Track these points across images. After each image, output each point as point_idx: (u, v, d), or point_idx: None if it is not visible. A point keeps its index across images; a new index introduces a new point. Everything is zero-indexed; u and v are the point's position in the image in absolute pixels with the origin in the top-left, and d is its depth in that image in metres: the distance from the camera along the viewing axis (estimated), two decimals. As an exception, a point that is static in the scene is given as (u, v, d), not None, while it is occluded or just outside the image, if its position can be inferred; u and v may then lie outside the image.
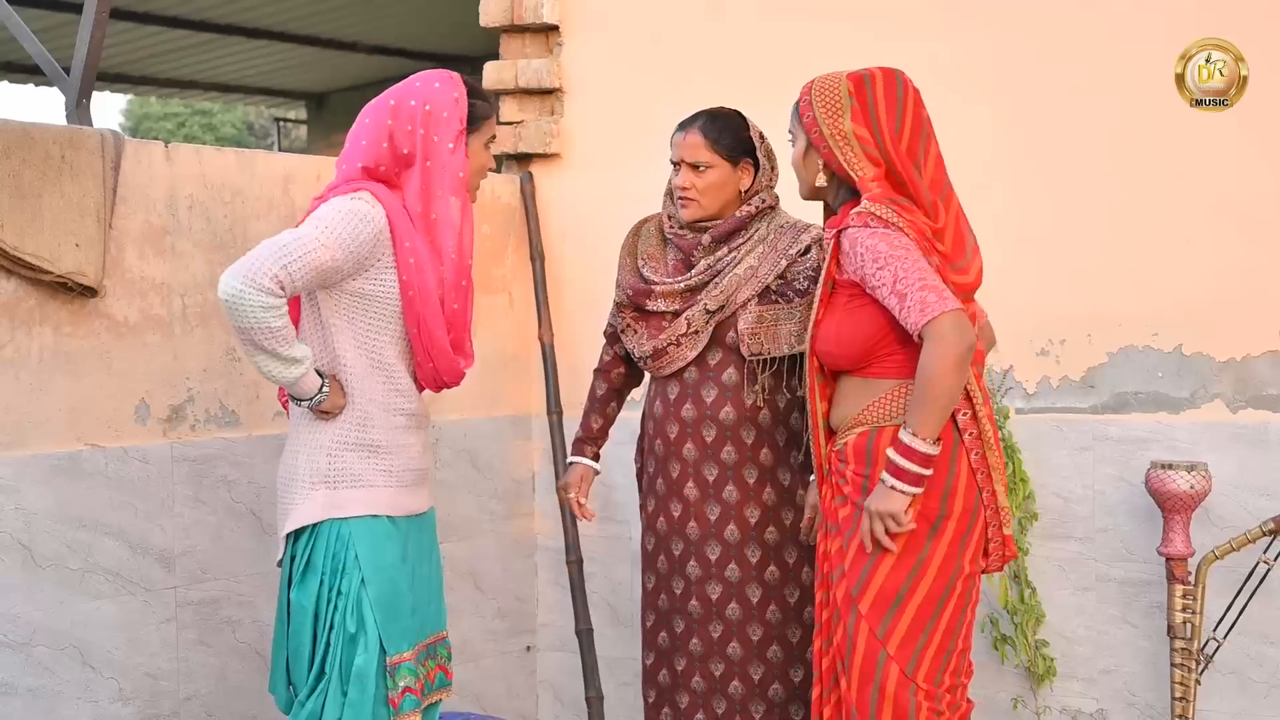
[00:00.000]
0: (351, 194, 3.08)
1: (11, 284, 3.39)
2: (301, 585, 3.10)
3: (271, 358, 2.98)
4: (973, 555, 3.10)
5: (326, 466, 3.11)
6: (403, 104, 3.12)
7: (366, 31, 10.42)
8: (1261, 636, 3.83)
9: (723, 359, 3.56)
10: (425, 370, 3.21)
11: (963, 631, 3.11)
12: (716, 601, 3.57)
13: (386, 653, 3.07)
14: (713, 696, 3.59)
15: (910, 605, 3.03)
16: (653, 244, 3.72)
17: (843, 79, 3.16)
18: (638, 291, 3.63)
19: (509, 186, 4.79)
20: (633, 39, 4.70)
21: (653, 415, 3.68)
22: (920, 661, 3.04)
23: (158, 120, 24.85)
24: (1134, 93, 3.95)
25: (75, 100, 4.44)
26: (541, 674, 4.88)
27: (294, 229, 3.03)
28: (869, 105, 3.11)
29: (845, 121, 3.12)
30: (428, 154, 3.11)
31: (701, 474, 3.58)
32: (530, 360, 4.82)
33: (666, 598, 3.66)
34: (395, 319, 3.14)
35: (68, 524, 3.50)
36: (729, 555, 3.56)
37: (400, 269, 3.10)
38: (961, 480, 3.07)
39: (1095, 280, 4.00)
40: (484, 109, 3.22)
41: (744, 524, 3.56)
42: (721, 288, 3.52)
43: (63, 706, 3.48)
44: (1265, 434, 3.82)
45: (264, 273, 2.90)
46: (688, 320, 3.54)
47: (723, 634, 3.57)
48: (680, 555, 3.61)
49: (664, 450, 3.63)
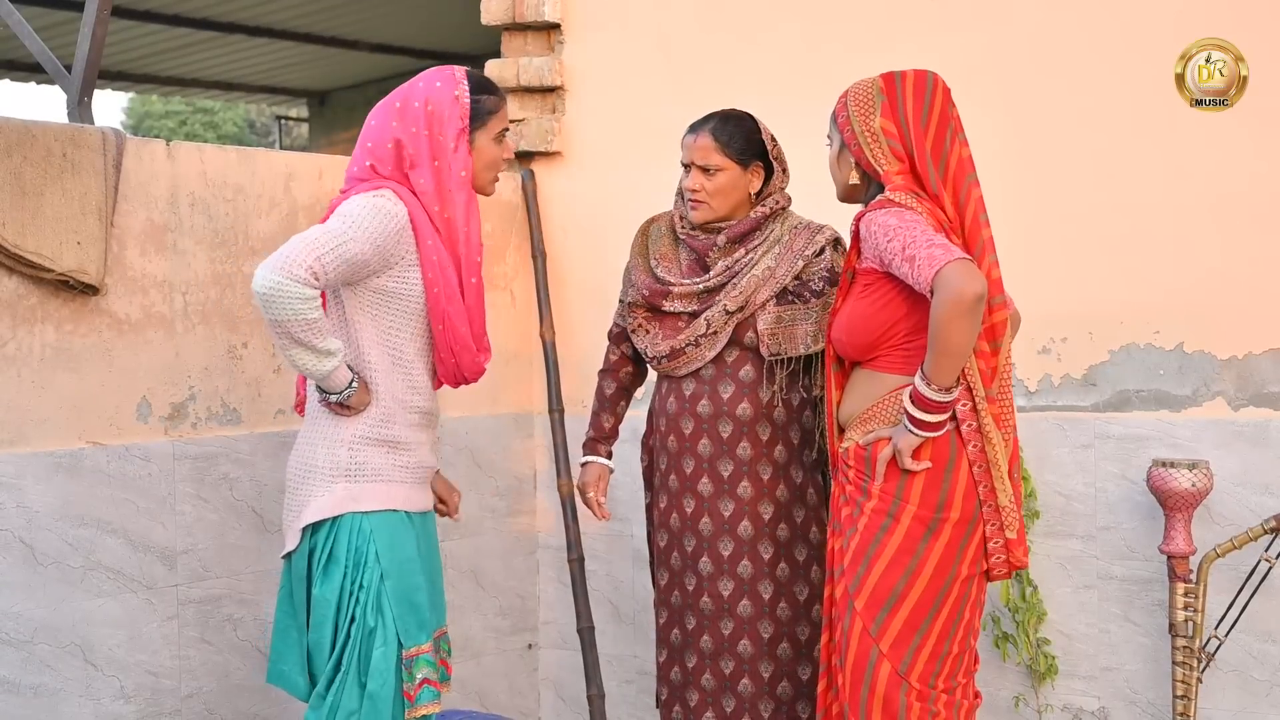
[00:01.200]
0: (374, 191, 3.11)
1: (13, 282, 3.39)
2: (326, 579, 3.10)
3: (307, 350, 3.00)
4: (973, 558, 3.09)
5: (348, 460, 3.13)
6: (407, 106, 3.15)
7: (368, 29, 10.42)
8: (1263, 634, 3.83)
9: (739, 356, 3.57)
10: (447, 366, 3.25)
11: (959, 634, 3.10)
12: (728, 598, 3.57)
13: (404, 645, 3.10)
14: (722, 694, 3.60)
15: (905, 605, 3.04)
16: (664, 244, 3.72)
17: (875, 79, 3.20)
18: (654, 292, 3.63)
19: (511, 184, 4.79)
20: (634, 37, 4.70)
21: (664, 412, 3.68)
22: (914, 661, 3.05)
23: (159, 118, 24.84)
24: (1134, 92, 3.95)
25: (77, 98, 4.44)
26: (543, 672, 4.88)
27: (321, 224, 3.06)
28: (897, 101, 3.15)
29: (875, 118, 3.16)
30: (435, 154, 3.14)
31: (716, 469, 3.58)
32: (532, 358, 4.83)
33: (679, 594, 3.66)
34: (417, 317, 3.17)
35: (69, 522, 3.50)
36: (741, 551, 3.57)
37: (424, 267, 3.13)
38: (960, 484, 3.07)
39: (1097, 278, 4.00)
40: (491, 103, 3.23)
41: (757, 520, 3.57)
42: (741, 289, 3.53)
43: (64, 704, 3.49)
44: (1267, 432, 3.82)
45: (299, 264, 2.92)
46: (707, 321, 3.54)
47: (733, 631, 3.58)
48: (693, 551, 3.61)
49: (677, 446, 3.63)
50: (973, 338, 2.94)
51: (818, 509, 3.63)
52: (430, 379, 3.27)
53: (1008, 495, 3.10)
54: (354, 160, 3.20)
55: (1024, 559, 3.14)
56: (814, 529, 3.62)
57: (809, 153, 3.88)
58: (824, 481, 3.63)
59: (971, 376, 3.06)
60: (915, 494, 3.06)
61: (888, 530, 3.06)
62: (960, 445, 3.07)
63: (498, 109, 3.26)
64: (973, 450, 3.08)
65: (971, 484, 3.08)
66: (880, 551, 3.05)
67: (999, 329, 3.09)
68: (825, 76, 3.73)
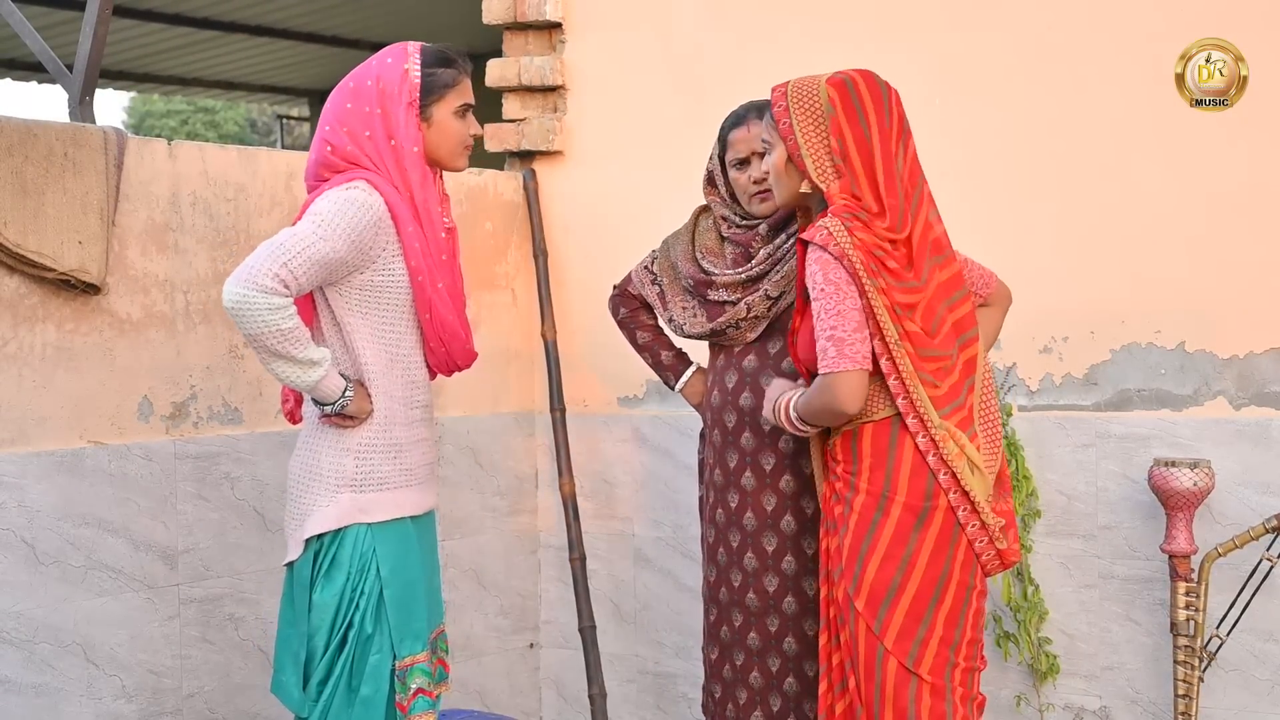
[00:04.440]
0: (346, 184, 3.03)
1: (14, 281, 3.40)
2: (327, 584, 3.04)
3: (287, 362, 2.91)
4: (964, 555, 3.07)
5: (354, 470, 3.05)
6: (360, 85, 3.08)
7: (369, 28, 10.42)
8: (1264, 633, 3.83)
9: (782, 348, 3.54)
10: (438, 355, 3.18)
11: (969, 619, 3.09)
12: (774, 594, 3.54)
13: (398, 655, 3.05)
14: (769, 693, 3.56)
15: (904, 597, 3.03)
16: (711, 239, 3.68)
17: (822, 85, 3.09)
18: (699, 282, 3.61)
19: (512, 183, 4.79)
20: (636, 36, 4.70)
21: (710, 406, 3.66)
22: (922, 653, 3.04)
23: (160, 117, 24.87)
24: (1135, 92, 3.95)
25: (78, 97, 4.45)
26: (544, 671, 4.88)
27: (290, 227, 2.99)
28: (857, 115, 3.05)
29: (825, 132, 3.06)
30: (390, 131, 3.06)
31: (759, 463, 3.55)
32: (533, 357, 4.82)
33: (726, 590, 3.62)
34: (409, 307, 3.10)
35: (70, 521, 3.50)
36: (785, 546, 3.53)
37: (407, 255, 3.05)
38: (941, 494, 3.04)
39: (1098, 277, 3.99)
40: (446, 76, 3.12)
41: (800, 515, 3.53)
42: (783, 274, 3.50)
43: (66, 704, 3.49)
44: (1268, 431, 3.82)
45: (264, 272, 2.85)
46: (748, 305, 3.51)
47: (779, 628, 3.54)
48: (738, 546, 3.59)
49: (721, 441, 3.61)
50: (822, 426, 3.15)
51: None
52: (426, 372, 3.21)
53: (988, 514, 3.06)
54: (313, 145, 3.13)
55: (1013, 555, 3.13)
56: None
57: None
58: None
59: (920, 404, 3.02)
60: (903, 484, 3.05)
61: (878, 525, 3.05)
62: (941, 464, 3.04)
63: (455, 82, 3.13)
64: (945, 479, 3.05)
65: (949, 505, 3.05)
66: (874, 547, 3.05)
67: (964, 323, 3.10)
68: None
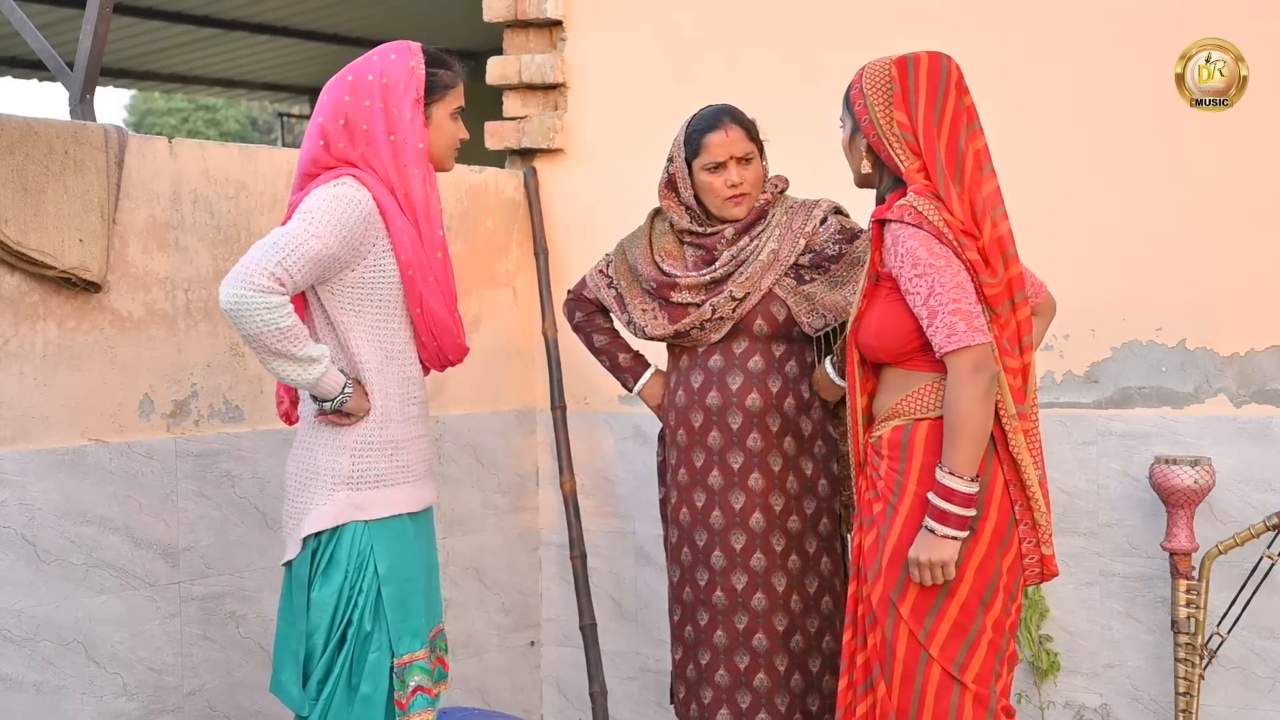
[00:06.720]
0: (334, 181, 3.03)
1: (15, 279, 3.40)
2: (325, 582, 3.05)
3: (288, 361, 2.92)
4: (1013, 558, 3.04)
5: (350, 467, 3.07)
6: (360, 79, 3.08)
7: (370, 26, 10.41)
8: (1265, 631, 3.83)
9: (748, 347, 3.56)
10: (430, 350, 3.19)
11: (1010, 631, 3.06)
12: (742, 591, 3.56)
13: (396, 653, 3.06)
14: (737, 690, 3.58)
15: (952, 606, 2.98)
16: (668, 241, 3.70)
17: (889, 63, 3.07)
18: (661, 284, 3.62)
19: (513, 181, 4.79)
20: (636, 34, 4.70)
21: (674, 406, 3.67)
22: (969, 661, 2.98)
23: (161, 115, 24.86)
24: (1134, 92, 3.94)
25: (79, 95, 4.45)
26: (546, 669, 4.88)
27: (281, 226, 2.99)
28: (910, 91, 3.02)
29: (889, 108, 3.03)
30: (390, 127, 3.06)
31: (726, 462, 3.57)
32: (534, 355, 4.83)
33: (691, 590, 3.64)
34: (401, 303, 3.11)
35: (72, 519, 3.51)
36: (754, 544, 3.55)
37: (397, 250, 3.06)
38: (996, 495, 3.01)
39: (1099, 275, 3.99)
40: (447, 78, 3.15)
41: (769, 512, 3.55)
42: (747, 275, 3.52)
43: (67, 701, 3.49)
44: (1269, 429, 3.82)
45: (260, 272, 2.86)
46: (713, 307, 3.53)
47: (748, 625, 3.56)
48: (704, 546, 3.60)
49: (687, 440, 3.62)
50: (990, 417, 2.93)
51: (829, 500, 3.63)
52: (420, 368, 3.22)
53: (1042, 513, 3.05)
54: (307, 138, 3.11)
55: (1054, 567, 3.09)
56: (824, 520, 3.62)
57: (810, 150, 3.88)
58: (837, 472, 3.63)
59: (1001, 399, 2.99)
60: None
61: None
62: (996, 462, 3.02)
63: (454, 84, 3.17)
64: (1007, 469, 3.02)
65: (1007, 499, 3.02)
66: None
67: (1024, 327, 3.04)
68: (827, 73, 3.73)
